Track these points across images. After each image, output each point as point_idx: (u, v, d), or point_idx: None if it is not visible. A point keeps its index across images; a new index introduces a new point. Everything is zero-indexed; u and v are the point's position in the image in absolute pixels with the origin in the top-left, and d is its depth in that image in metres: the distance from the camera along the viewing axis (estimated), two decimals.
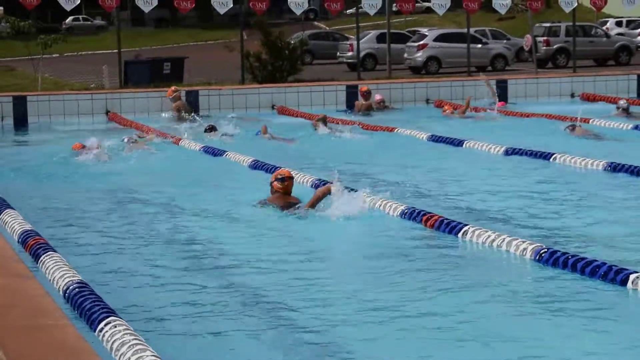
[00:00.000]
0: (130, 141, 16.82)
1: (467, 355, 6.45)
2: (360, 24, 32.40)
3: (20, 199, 12.12)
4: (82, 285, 7.48)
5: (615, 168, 13.47)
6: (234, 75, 29.77)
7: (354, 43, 36.16)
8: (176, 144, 17.55)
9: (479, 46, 39.29)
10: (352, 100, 23.63)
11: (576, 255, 8.32)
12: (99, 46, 59.22)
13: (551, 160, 14.57)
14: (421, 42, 40.03)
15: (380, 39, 41.51)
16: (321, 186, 11.40)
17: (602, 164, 13.70)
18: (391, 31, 33.33)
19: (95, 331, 6.51)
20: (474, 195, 12.38)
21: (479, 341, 6.64)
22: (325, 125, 18.99)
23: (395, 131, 18.66)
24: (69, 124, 21.83)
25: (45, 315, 6.47)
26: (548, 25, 42.33)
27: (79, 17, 72.55)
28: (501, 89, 24.51)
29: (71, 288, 7.46)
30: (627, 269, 7.83)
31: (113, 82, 30.33)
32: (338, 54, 44.63)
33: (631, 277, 7.69)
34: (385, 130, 18.84)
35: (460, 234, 9.63)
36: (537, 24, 41.45)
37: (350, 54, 42.01)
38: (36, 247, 8.92)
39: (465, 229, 9.62)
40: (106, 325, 6.44)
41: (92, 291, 7.33)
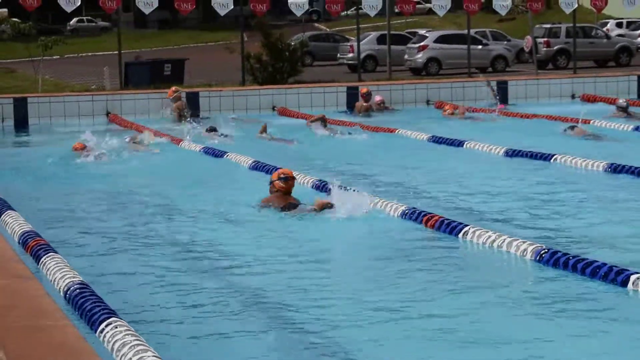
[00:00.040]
0: (132, 141, 16.81)
1: (467, 355, 6.45)
2: (361, 26, 32.42)
3: (20, 200, 12.12)
4: (82, 286, 7.48)
5: (615, 169, 13.46)
6: (235, 76, 29.77)
7: (355, 44, 36.12)
8: (176, 144, 17.56)
9: (479, 47, 39.26)
10: (352, 102, 23.62)
11: (577, 256, 8.31)
12: (99, 48, 59.19)
13: (552, 161, 14.56)
14: (421, 44, 40.01)
15: (381, 40, 41.49)
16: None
17: (602, 165, 13.70)
18: (391, 32, 33.34)
19: (96, 332, 6.50)
20: (474, 195, 12.38)
21: (479, 341, 6.64)
22: (325, 126, 18.99)
23: (395, 132, 18.66)
24: (69, 125, 21.81)
25: (45, 315, 6.47)
26: (548, 26, 42.31)
27: (83, 18, 72.57)
28: (501, 90, 24.50)
29: (72, 289, 7.46)
30: (628, 270, 7.83)
31: (114, 83, 30.33)
32: (338, 55, 44.59)
33: (632, 277, 7.68)
34: (385, 132, 18.84)
35: (460, 235, 9.63)
36: (538, 25, 41.43)
37: (350, 55, 41.98)
38: (37, 248, 8.91)
39: (466, 229, 9.63)
40: (107, 326, 6.44)
41: (93, 292, 7.33)
